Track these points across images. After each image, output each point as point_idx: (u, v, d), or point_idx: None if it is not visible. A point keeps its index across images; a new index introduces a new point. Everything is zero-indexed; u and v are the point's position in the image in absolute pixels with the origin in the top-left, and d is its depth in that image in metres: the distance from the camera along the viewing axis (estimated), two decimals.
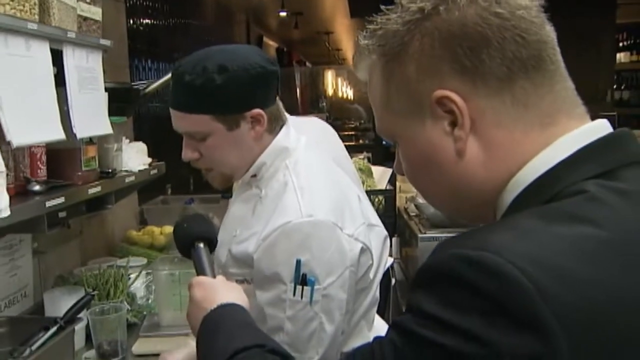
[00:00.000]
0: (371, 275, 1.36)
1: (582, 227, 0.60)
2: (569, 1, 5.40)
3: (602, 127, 0.69)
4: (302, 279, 1.20)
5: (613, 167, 0.65)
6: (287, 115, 1.47)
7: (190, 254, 1.21)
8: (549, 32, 0.70)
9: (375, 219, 1.48)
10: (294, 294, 1.21)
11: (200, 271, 1.17)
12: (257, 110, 1.32)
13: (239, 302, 1.05)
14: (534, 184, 0.67)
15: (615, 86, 6.50)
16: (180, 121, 1.35)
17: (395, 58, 0.72)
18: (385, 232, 1.49)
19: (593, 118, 0.72)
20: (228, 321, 0.99)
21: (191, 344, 1.58)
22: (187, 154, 1.39)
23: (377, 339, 0.67)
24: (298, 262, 1.20)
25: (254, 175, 1.39)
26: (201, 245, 1.20)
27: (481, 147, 0.69)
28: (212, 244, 1.23)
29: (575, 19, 5.47)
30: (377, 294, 1.46)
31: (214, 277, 1.15)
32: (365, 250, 1.31)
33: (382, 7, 0.74)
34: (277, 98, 1.41)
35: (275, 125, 1.38)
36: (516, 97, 0.67)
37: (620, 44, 6.75)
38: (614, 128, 0.70)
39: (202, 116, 1.31)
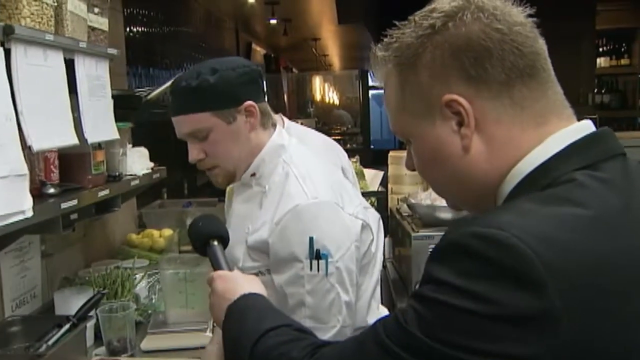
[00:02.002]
0: (373, 248, 1.49)
1: (572, 208, 0.72)
2: (550, 7, 5.53)
3: (587, 127, 0.82)
4: (316, 254, 1.33)
5: (597, 160, 0.77)
6: (290, 122, 1.57)
7: (205, 252, 1.29)
8: (542, 44, 0.82)
9: (367, 204, 1.61)
10: (311, 269, 1.33)
11: (217, 267, 1.25)
12: (249, 102, 1.46)
13: (259, 292, 1.13)
14: (530, 175, 0.79)
15: (596, 90, 6.66)
16: (183, 124, 1.47)
17: (410, 67, 0.83)
18: (378, 215, 1.60)
19: (576, 120, 0.83)
20: (253, 307, 1.06)
21: (208, 349, 1.65)
22: (194, 155, 1.50)
23: (400, 308, 0.77)
24: (311, 240, 1.33)
25: (254, 174, 1.51)
26: (215, 242, 1.29)
27: (484, 143, 0.81)
28: (225, 242, 1.32)
29: (556, 25, 5.59)
30: (379, 274, 1.58)
31: (231, 270, 1.23)
32: (365, 226, 1.44)
33: (396, 22, 0.86)
34: (266, 101, 1.55)
35: (267, 120, 1.52)
36: (514, 100, 0.79)
37: (600, 49, 6.92)
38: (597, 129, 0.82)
39: (202, 114, 1.44)
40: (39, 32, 1.48)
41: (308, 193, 1.37)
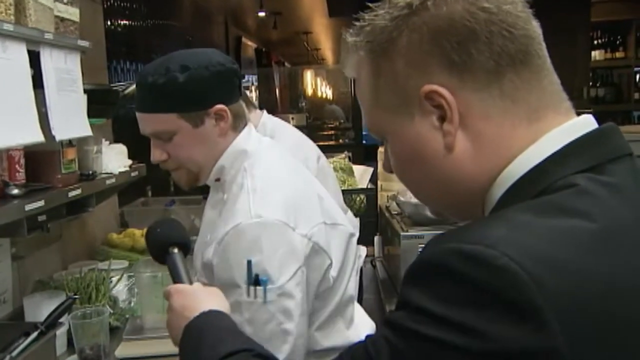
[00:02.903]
0: (333, 274, 1.34)
1: (574, 220, 0.61)
2: (544, 0, 5.47)
3: (588, 122, 0.70)
4: (255, 280, 1.20)
5: (601, 162, 0.66)
6: (269, 115, 1.45)
7: (164, 260, 1.18)
8: (535, 27, 0.71)
9: (341, 218, 1.46)
10: (248, 295, 1.21)
11: (176, 278, 1.14)
12: (220, 106, 1.34)
13: (220, 309, 1.03)
14: (523, 178, 0.68)
15: (590, 83, 6.60)
16: (147, 122, 1.37)
17: (384, 54, 0.72)
18: (351, 230, 1.47)
19: (575, 115, 0.73)
20: (212, 327, 0.97)
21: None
22: (156, 156, 1.40)
23: (369, 337, 0.67)
24: (249, 263, 1.20)
25: (218, 180, 1.41)
26: (175, 250, 1.17)
27: (470, 141, 0.70)
28: (186, 249, 1.21)
29: (550, 17, 5.51)
30: (352, 291, 1.46)
31: (191, 283, 1.12)
32: (317, 250, 1.30)
33: (369, 4, 0.75)
34: (240, 99, 1.42)
35: (239, 123, 1.40)
36: (504, 91, 0.68)
37: (595, 42, 6.85)
38: None
39: (168, 115, 1.33)
40: None
41: (252, 211, 1.25)
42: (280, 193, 1.30)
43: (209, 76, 1.32)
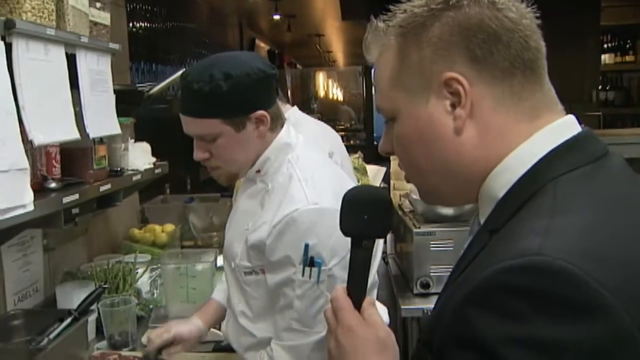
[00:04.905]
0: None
1: (582, 215, 0.67)
2: (554, 3, 5.51)
3: (571, 123, 0.80)
4: (310, 261, 1.32)
5: (585, 163, 0.75)
6: (295, 108, 1.52)
7: (352, 245, 0.94)
8: (543, 45, 0.81)
9: None
10: (303, 275, 1.33)
11: (354, 285, 0.93)
12: (261, 112, 1.43)
13: None
14: (520, 182, 0.76)
15: (600, 87, 6.63)
16: (192, 125, 1.46)
17: (414, 39, 0.80)
18: None
19: (578, 118, 0.82)
20: None
21: (193, 321, 1.68)
22: (199, 155, 1.49)
23: None
24: (306, 246, 1.32)
25: (258, 171, 1.50)
26: (370, 245, 0.94)
27: (477, 129, 0.78)
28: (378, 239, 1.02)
29: (560, 21, 5.59)
30: (376, 277, 1.58)
31: (365, 292, 0.95)
32: None
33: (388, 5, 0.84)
34: (277, 98, 1.52)
35: (277, 123, 1.49)
36: (513, 89, 0.78)
37: (605, 46, 6.89)
38: (600, 127, 0.81)
39: (212, 120, 1.42)
40: (40, 26, 1.48)
41: (309, 198, 1.36)
42: (328, 182, 1.42)
43: (250, 83, 1.39)
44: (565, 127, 0.79)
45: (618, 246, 0.65)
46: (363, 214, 0.92)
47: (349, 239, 1.04)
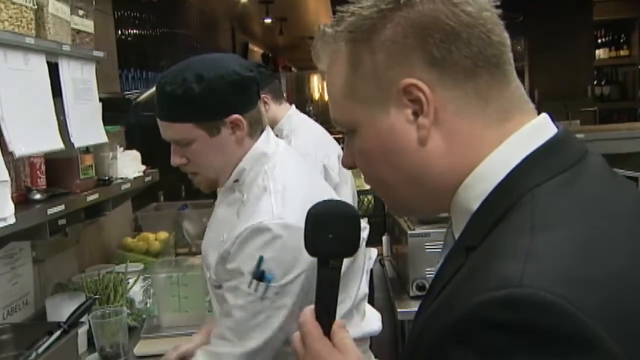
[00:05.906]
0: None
1: (562, 231, 0.62)
2: (547, 0, 5.53)
3: (545, 123, 0.73)
4: (260, 275, 1.27)
5: (560, 171, 0.68)
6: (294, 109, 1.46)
7: (319, 266, 0.86)
8: (507, 36, 0.75)
9: None
10: (249, 287, 1.28)
11: (323, 308, 0.86)
12: (235, 116, 1.39)
13: None
14: (493, 193, 0.70)
15: (595, 82, 6.63)
16: (166, 130, 1.43)
17: (365, 44, 0.73)
18: (366, 227, 1.55)
19: (575, 114, 0.77)
20: None
21: (195, 338, 1.64)
22: (176, 160, 1.46)
23: None
24: (260, 259, 1.27)
25: (237, 180, 1.46)
26: (338, 264, 0.86)
27: (442, 137, 0.72)
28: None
29: (553, 17, 5.59)
30: (365, 289, 1.54)
31: (335, 315, 0.87)
32: None
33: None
34: (258, 103, 1.46)
35: (256, 129, 1.45)
36: (478, 90, 0.71)
37: (599, 40, 6.88)
38: (596, 122, 0.75)
39: (185, 124, 1.38)
40: (18, 35, 1.45)
41: (275, 212, 1.31)
42: (299, 196, 1.35)
43: (224, 86, 1.35)
44: (538, 129, 0.73)
45: (603, 262, 0.60)
46: (328, 232, 0.84)
47: (305, 261, 1.05)
